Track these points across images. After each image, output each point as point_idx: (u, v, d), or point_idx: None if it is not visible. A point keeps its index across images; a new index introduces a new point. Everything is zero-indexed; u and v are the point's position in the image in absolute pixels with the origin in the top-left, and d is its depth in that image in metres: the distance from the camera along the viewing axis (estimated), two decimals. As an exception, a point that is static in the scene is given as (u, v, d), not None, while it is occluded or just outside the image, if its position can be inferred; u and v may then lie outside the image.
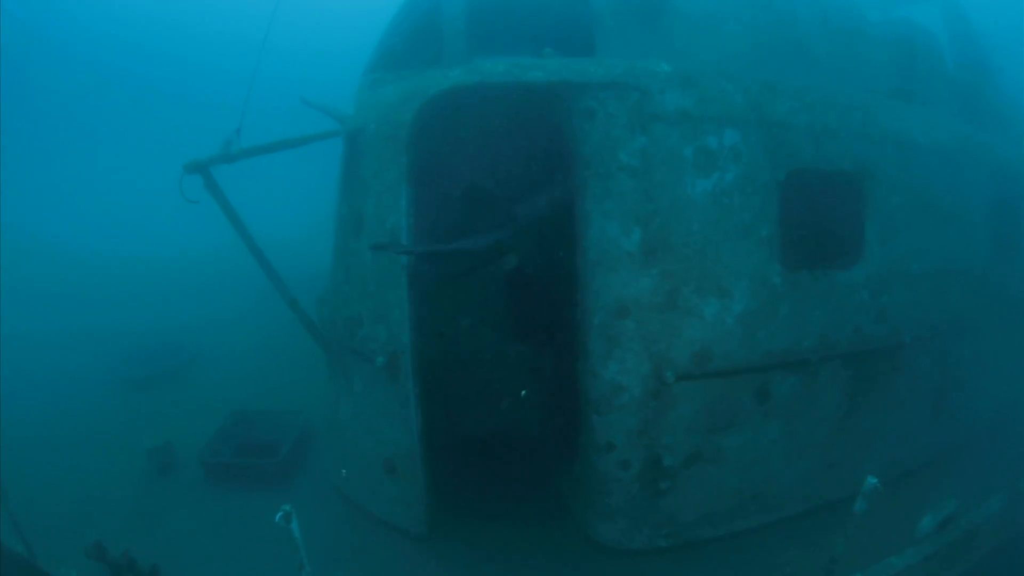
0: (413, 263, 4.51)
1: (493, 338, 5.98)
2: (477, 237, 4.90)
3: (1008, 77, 7.53)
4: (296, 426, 6.38)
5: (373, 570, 4.61)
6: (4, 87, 26.66)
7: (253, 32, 5.27)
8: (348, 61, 8.37)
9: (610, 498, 4.45)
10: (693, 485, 4.47)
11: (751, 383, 4.38)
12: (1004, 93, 7.31)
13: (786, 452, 4.72)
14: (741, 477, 4.62)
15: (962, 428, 5.98)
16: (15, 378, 8.45)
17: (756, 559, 4.55)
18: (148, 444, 6.12)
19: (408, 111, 4.28)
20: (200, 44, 36.04)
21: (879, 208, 4.82)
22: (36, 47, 31.23)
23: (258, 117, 5.97)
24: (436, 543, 4.77)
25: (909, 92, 5.65)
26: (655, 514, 4.48)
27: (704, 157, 4.12)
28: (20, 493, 4.91)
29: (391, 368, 4.42)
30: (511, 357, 5.93)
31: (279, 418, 6.62)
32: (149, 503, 5.65)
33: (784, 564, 4.47)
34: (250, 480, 5.74)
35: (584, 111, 4.15)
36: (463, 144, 5.50)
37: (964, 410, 5.94)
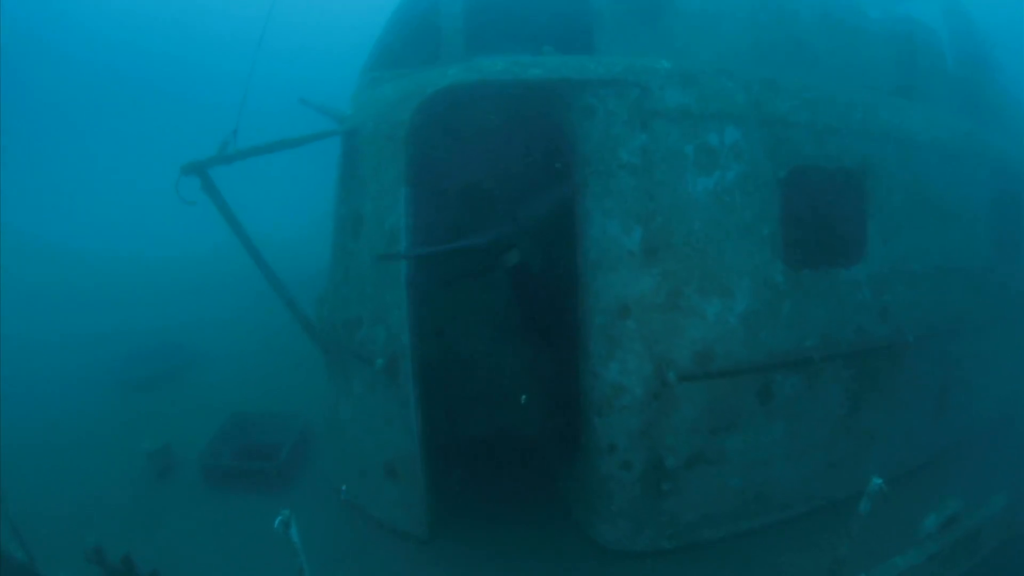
0: (411, 268, 4.47)
1: (494, 339, 5.95)
2: (478, 234, 4.85)
3: (1008, 74, 7.51)
4: (295, 428, 6.35)
5: (374, 573, 4.57)
6: (3, 89, 26.63)
7: (250, 33, 5.23)
8: (346, 61, 8.34)
9: (612, 500, 4.41)
10: (695, 486, 4.44)
11: (754, 383, 4.35)
12: (1004, 90, 7.29)
13: (788, 452, 4.69)
14: (744, 478, 4.59)
15: (964, 426, 5.96)
16: (14, 380, 8.42)
17: (759, 560, 4.52)
18: (147, 447, 6.09)
19: (406, 110, 4.24)
20: (198, 45, 36.05)
21: (881, 206, 4.80)
22: (35, 49, 31.22)
23: (256, 118, 5.93)
24: (437, 545, 4.75)
25: (910, 89, 5.63)
26: (657, 515, 4.45)
27: (705, 155, 4.09)
28: (19, 496, 4.90)
29: (391, 370, 4.39)
30: (512, 358, 5.89)
31: (278, 420, 6.59)
32: (148, 506, 5.61)
33: (787, 565, 4.44)
34: (250, 483, 5.70)
35: (584, 109, 4.12)
36: (462, 143, 5.46)
37: (966, 408, 5.92)
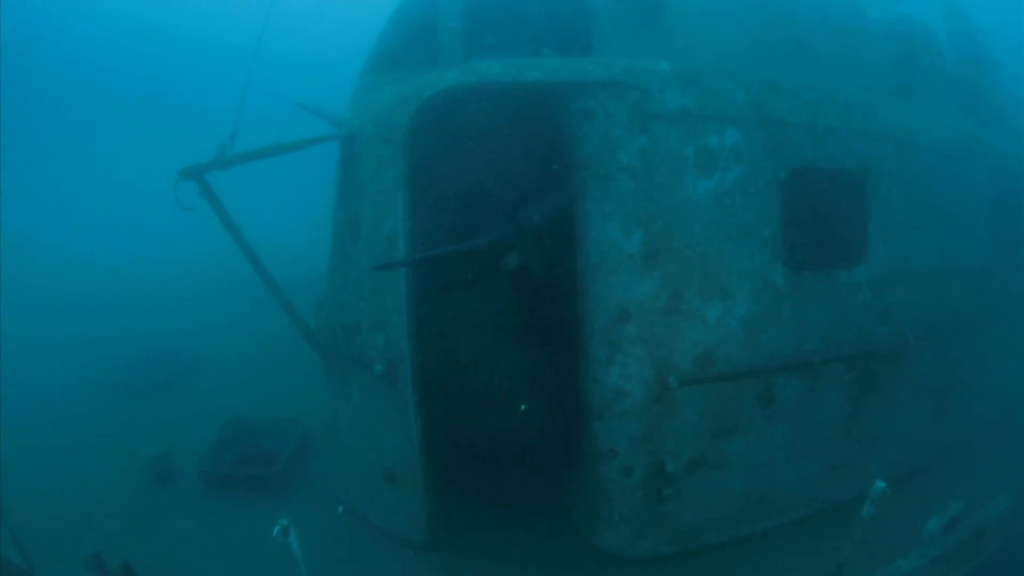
0: (410, 273, 4.43)
1: (494, 343, 5.92)
2: (475, 237, 4.81)
3: (1007, 73, 7.51)
4: (295, 434, 6.32)
5: (374, 580, 4.55)
6: (3, 92, 26.66)
7: (249, 36, 5.21)
8: (344, 64, 8.33)
9: (613, 505, 4.38)
10: (697, 491, 4.41)
11: (755, 386, 4.32)
12: (1004, 89, 7.29)
13: (790, 455, 4.66)
14: (745, 481, 4.56)
15: (966, 427, 5.94)
16: (13, 384, 8.41)
17: (762, 564, 4.50)
18: (146, 453, 6.07)
19: (404, 113, 4.21)
20: (196, 49, 36.10)
21: (882, 207, 4.78)
22: (34, 52, 31.26)
23: (254, 122, 5.91)
24: (437, 552, 4.71)
25: (909, 89, 5.62)
26: (659, 521, 4.42)
27: (705, 157, 4.06)
28: (18, 503, 4.91)
29: (390, 376, 4.36)
30: (512, 362, 5.86)
31: (278, 426, 6.56)
32: (148, 513, 5.59)
33: (790, 568, 4.42)
34: (249, 489, 5.68)
35: (583, 111, 4.09)
36: (461, 146, 5.43)
37: (967, 409, 5.90)
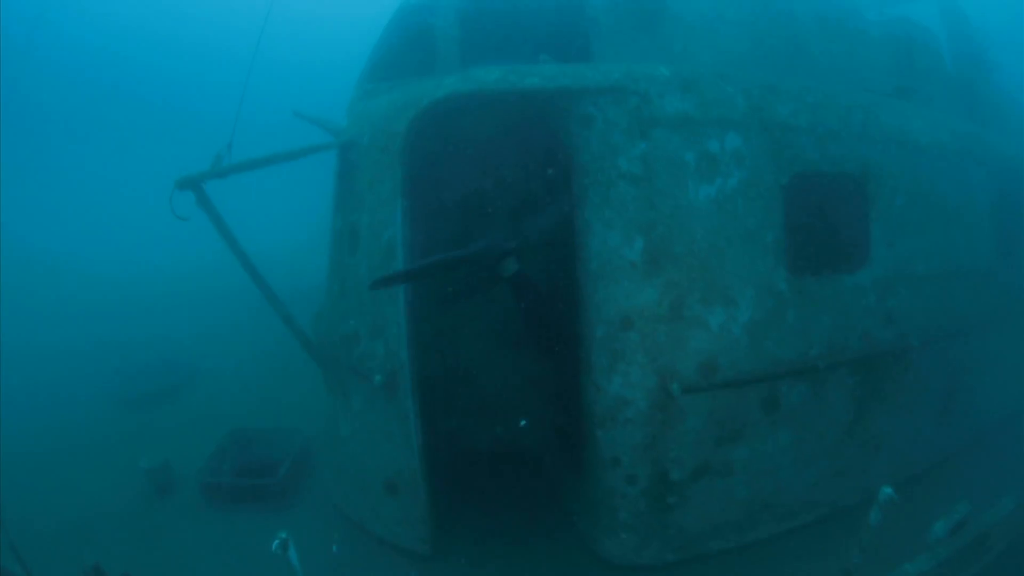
0: (409, 283, 4.39)
1: (494, 351, 5.88)
2: (472, 244, 4.77)
3: (1006, 74, 7.50)
4: (295, 444, 6.27)
5: (376, 591, 4.51)
6: (2, 101, 26.71)
7: (246, 45, 5.19)
8: (341, 73, 8.31)
9: (617, 514, 4.34)
10: (701, 498, 4.36)
11: (759, 393, 4.28)
12: (1002, 90, 7.28)
13: (795, 461, 4.62)
14: (750, 488, 4.51)
15: (971, 429, 5.90)
16: (12, 394, 8.35)
17: (767, 571, 4.45)
18: (146, 464, 6.02)
19: (402, 121, 4.18)
20: (193, 58, 36.17)
21: (884, 209, 4.75)
22: (33, 61, 31.29)
23: (251, 131, 5.88)
24: (440, 562, 4.66)
25: (909, 91, 5.61)
26: (663, 529, 4.37)
27: (706, 162, 4.03)
28: (18, 513, 4.87)
29: (390, 386, 4.31)
30: (513, 370, 5.82)
31: (278, 436, 6.51)
32: (147, 524, 5.55)
33: (796, 574, 4.37)
34: (249, 500, 5.63)
35: (582, 117, 4.06)
36: (459, 154, 5.41)
37: (972, 411, 5.86)
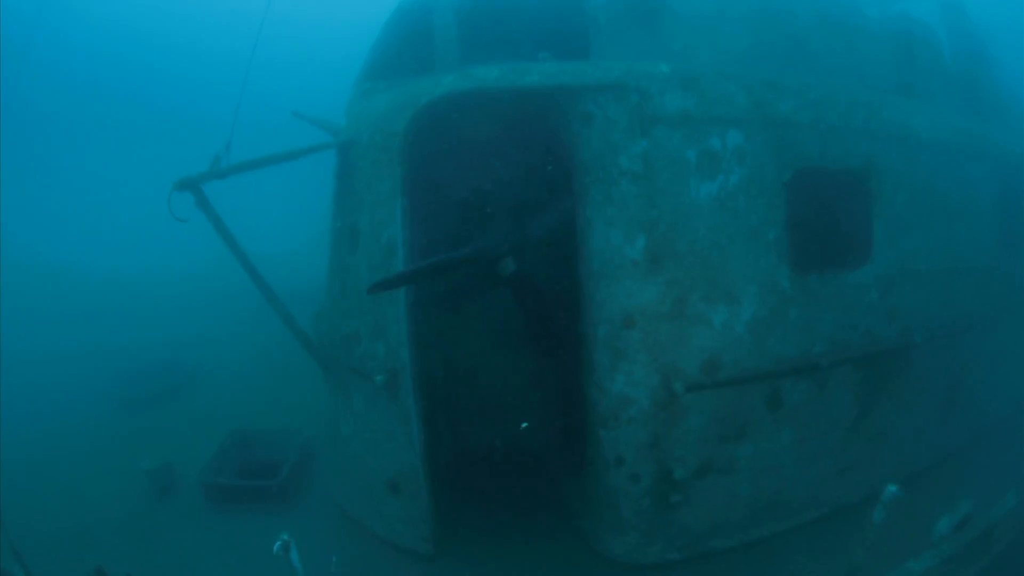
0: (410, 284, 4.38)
1: (496, 350, 5.86)
2: (468, 246, 4.75)
3: (1007, 69, 7.47)
4: (297, 444, 6.26)
5: (379, 592, 4.50)
6: (2, 104, 26.67)
7: (244, 46, 5.16)
8: (340, 72, 8.27)
9: (620, 513, 4.33)
10: (705, 496, 4.35)
11: (762, 390, 4.27)
12: (1003, 85, 7.25)
13: (798, 458, 4.61)
14: (754, 486, 4.51)
15: (974, 425, 5.89)
16: (12, 397, 8.35)
17: (771, 569, 4.44)
18: (147, 465, 6.00)
19: (401, 120, 4.16)
20: (192, 59, 36.06)
21: (886, 206, 4.73)
22: (31, 64, 31.21)
23: (250, 132, 5.86)
24: (443, 562, 4.66)
25: (909, 87, 5.57)
26: (667, 527, 4.36)
27: (708, 159, 4.01)
28: (19, 517, 4.86)
29: (391, 386, 4.30)
30: (515, 369, 5.81)
31: (279, 436, 6.50)
32: (149, 526, 5.54)
33: (799, 572, 4.36)
34: (251, 501, 5.62)
35: (582, 115, 4.04)
36: (459, 153, 5.39)
37: (975, 407, 5.85)
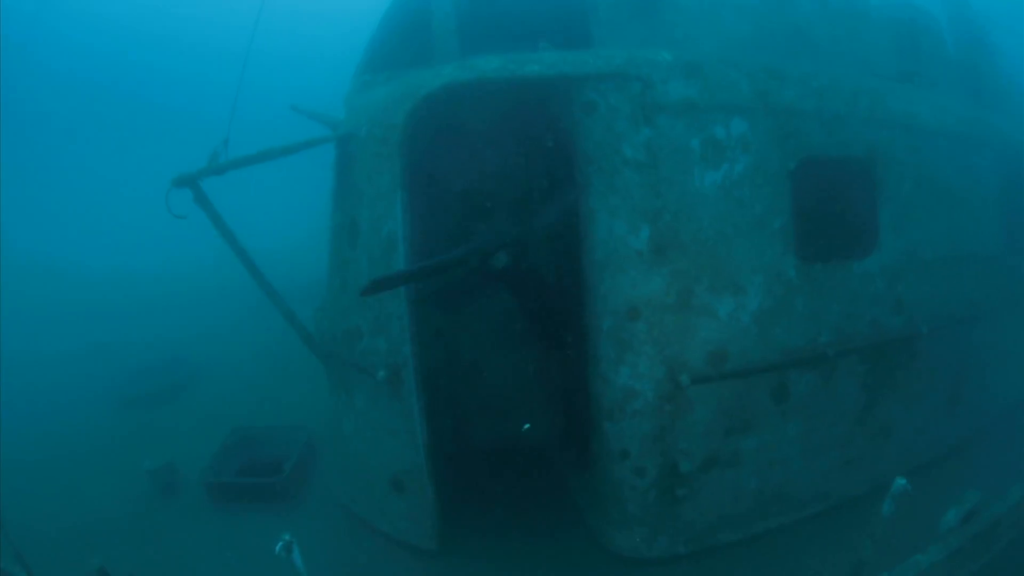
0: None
1: (499, 343, 5.82)
2: (460, 247, 4.70)
3: (1008, 56, 7.43)
4: (299, 442, 6.22)
5: (383, 589, 4.47)
6: (2, 105, 26.67)
7: (241, 41, 5.12)
8: (338, 65, 8.22)
9: (626, 507, 4.30)
10: (711, 490, 4.32)
11: (768, 382, 4.23)
12: (1005, 73, 7.20)
13: (805, 450, 4.58)
14: (760, 479, 4.48)
15: (980, 416, 5.86)
16: (14, 396, 8.33)
17: (777, 561, 4.41)
18: (149, 464, 5.99)
19: (400, 112, 4.10)
20: (188, 55, 36.00)
21: (892, 195, 4.69)
22: (29, 65, 31.19)
23: (248, 127, 5.81)
24: (447, 558, 4.63)
25: (912, 74, 5.53)
26: (673, 521, 4.33)
27: (712, 148, 3.96)
28: (20, 517, 4.83)
29: (393, 382, 4.26)
30: (519, 363, 5.77)
31: (281, 434, 6.47)
32: (152, 525, 5.53)
33: (807, 566, 4.33)
34: (254, 499, 5.60)
35: (585, 104, 3.99)
36: (460, 145, 5.34)
37: (982, 397, 5.82)
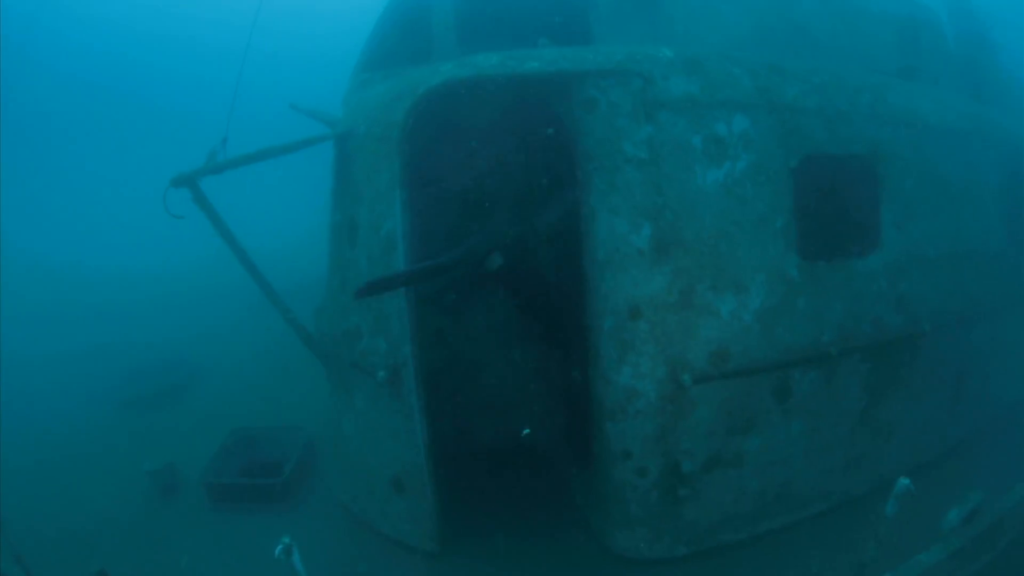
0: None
1: (500, 343, 5.79)
2: (452, 250, 4.65)
3: (1008, 52, 7.42)
4: (299, 442, 6.19)
5: (384, 591, 4.45)
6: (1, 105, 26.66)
7: (239, 40, 5.09)
8: (337, 64, 8.19)
9: (628, 507, 4.27)
10: (713, 490, 4.29)
11: (771, 381, 4.20)
12: (1006, 69, 7.19)
13: (807, 450, 4.55)
14: (762, 478, 4.45)
15: (983, 414, 5.84)
16: (13, 398, 8.31)
17: (780, 561, 4.39)
18: (149, 466, 5.97)
19: (399, 110, 4.07)
20: (187, 55, 36.02)
21: (894, 192, 4.67)
22: (29, 66, 31.17)
23: (247, 126, 5.78)
24: (448, 560, 4.61)
25: (913, 70, 5.51)
26: (675, 521, 4.31)
27: (714, 145, 3.93)
28: (21, 519, 4.83)
29: (393, 382, 4.23)
30: (519, 363, 5.74)
31: (281, 434, 6.44)
32: (152, 527, 5.52)
33: (809, 566, 4.31)
34: (254, 500, 5.57)
35: (585, 101, 3.95)
36: (459, 143, 5.31)
37: (984, 396, 5.80)
